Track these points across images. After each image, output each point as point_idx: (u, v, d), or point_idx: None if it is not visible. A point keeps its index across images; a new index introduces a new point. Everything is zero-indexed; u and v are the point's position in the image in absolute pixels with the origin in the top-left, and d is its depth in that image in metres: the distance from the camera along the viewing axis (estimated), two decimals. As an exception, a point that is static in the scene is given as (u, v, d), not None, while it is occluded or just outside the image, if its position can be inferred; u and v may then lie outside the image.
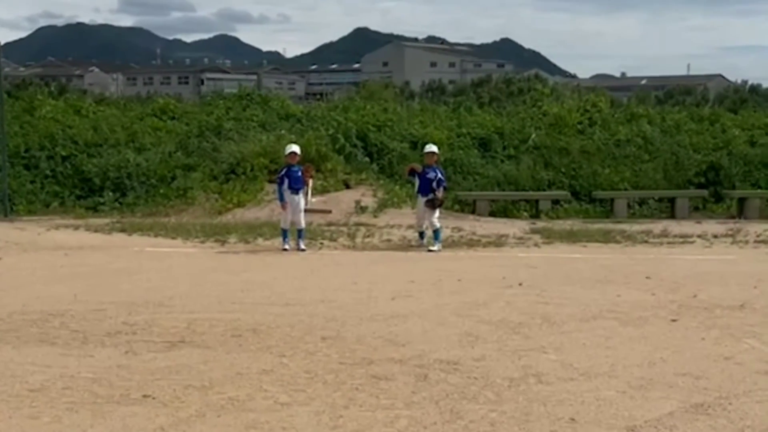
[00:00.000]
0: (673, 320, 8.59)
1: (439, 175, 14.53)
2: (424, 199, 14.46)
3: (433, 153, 14.78)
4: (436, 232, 14.35)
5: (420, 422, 5.50)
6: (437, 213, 14.53)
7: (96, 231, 16.56)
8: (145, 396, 6.05)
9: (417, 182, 14.78)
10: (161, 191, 20.17)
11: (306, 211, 14.71)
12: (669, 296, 9.86)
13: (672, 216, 19.39)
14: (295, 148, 14.76)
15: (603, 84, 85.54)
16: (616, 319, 8.65)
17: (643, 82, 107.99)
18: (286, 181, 14.32)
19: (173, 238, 15.58)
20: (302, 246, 14.22)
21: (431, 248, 14.15)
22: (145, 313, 8.84)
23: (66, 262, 12.79)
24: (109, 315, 8.76)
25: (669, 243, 15.14)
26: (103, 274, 11.64)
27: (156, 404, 5.87)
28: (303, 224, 14.42)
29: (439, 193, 14.41)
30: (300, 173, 14.46)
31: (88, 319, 8.59)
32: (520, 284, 10.63)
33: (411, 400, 5.95)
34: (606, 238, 15.51)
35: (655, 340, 7.72)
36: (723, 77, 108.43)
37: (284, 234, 14.30)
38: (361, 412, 5.72)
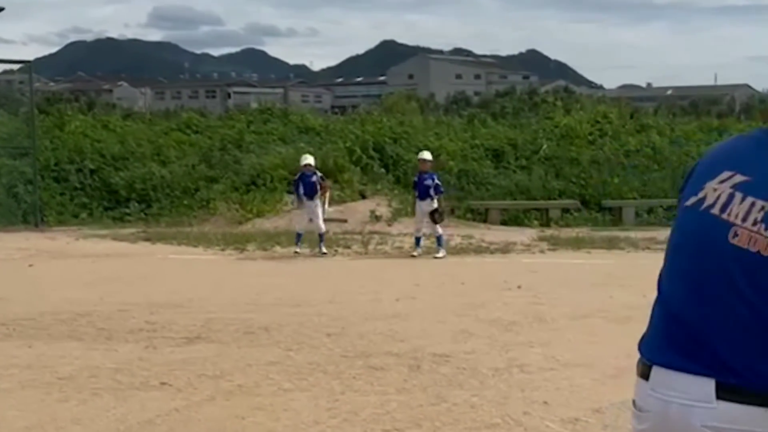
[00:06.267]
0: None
1: (436, 181, 14.77)
2: (423, 203, 14.64)
3: (425, 160, 14.97)
4: (438, 238, 14.60)
5: (408, 405, 6.11)
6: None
7: (122, 240, 17.34)
8: (162, 383, 6.71)
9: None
10: (185, 202, 20.99)
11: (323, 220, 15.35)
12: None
13: (680, 224, 19.74)
14: (310, 159, 15.44)
15: (629, 94, 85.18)
16: (604, 318, 9.22)
17: (669, 92, 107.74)
18: (301, 186, 14.99)
19: (195, 246, 16.31)
20: (323, 250, 14.82)
21: (436, 255, 14.48)
22: (166, 314, 9.52)
23: (93, 269, 13.55)
24: (132, 315, 9.45)
25: (671, 249, 15.55)
26: (128, 279, 12.36)
27: (172, 390, 6.53)
28: (323, 229, 15.00)
29: (435, 204, 14.54)
30: (313, 179, 15.04)
31: (112, 318, 9.29)
32: (519, 287, 11.22)
33: (402, 387, 6.57)
34: (610, 245, 15.99)
35: (637, 336, 8.26)
36: (749, 86, 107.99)
37: (298, 237, 14.96)
38: (356, 396, 6.35)
